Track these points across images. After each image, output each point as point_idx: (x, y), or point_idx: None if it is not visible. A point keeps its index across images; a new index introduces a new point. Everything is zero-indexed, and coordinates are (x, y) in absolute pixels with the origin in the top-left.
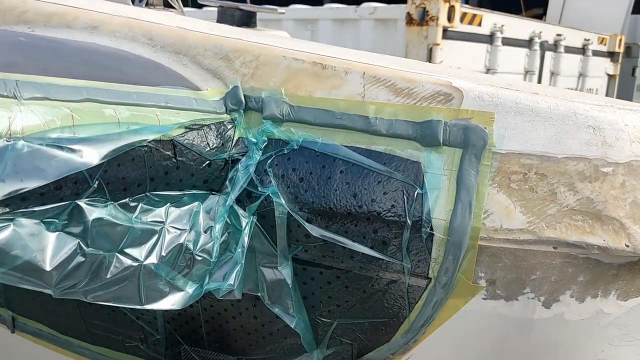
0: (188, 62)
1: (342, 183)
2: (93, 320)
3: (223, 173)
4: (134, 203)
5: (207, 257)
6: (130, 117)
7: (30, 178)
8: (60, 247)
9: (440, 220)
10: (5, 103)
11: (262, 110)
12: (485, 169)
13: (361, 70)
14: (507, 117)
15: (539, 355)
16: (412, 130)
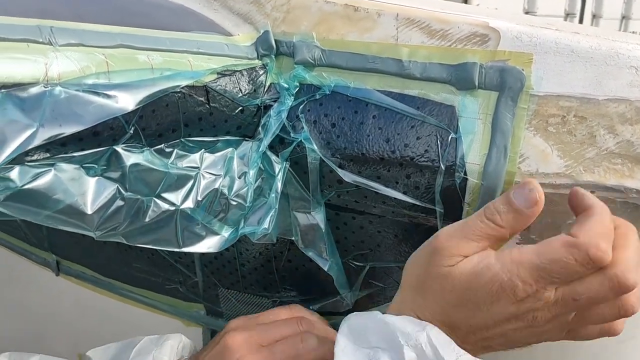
0: (219, 7)
1: (375, 128)
2: (134, 263)
3: (256, 119)
4: (170, 149)
5: (241, 202)
6: (163, 63)
7: (68, 123)
8: (100, 191)
9: (475, 165)
10: (41, 49)
11: (294, 55)
12: (522, 112)
13: (394, 12)
14: (546, 58)
15: None
16: (447, 74)
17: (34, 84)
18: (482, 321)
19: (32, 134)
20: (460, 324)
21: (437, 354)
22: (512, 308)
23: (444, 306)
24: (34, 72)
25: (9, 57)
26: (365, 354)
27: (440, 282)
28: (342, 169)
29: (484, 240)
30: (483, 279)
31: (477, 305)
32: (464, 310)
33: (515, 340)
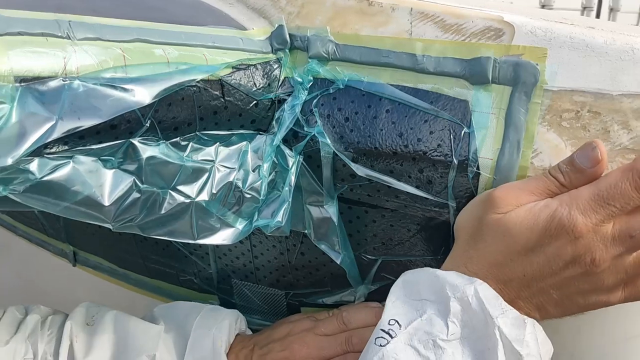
0: (234, 2)
1: (388, 122)
2: (150, 255)
3: (270, 113)
4: (185, 142)
5: (255, 195)
6: (179, 57)
7: (86, 116)
8: (117, 183)
9: (487, 160)
10: (60, 43)
11: (308, 50)
12: (536, 107)
13: (409, 6)
14: (561, 52)
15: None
16: (460, 68)
17: (53, 78)
18: (537, 269)
19: (51, 126)
20: (513, 276)
21: (483, 308)
22: (570, 248)
23: (497, 256)
24: (53, 65)
25: (28, 51)
26: (413, 305)
27: (494, 228)
28: (355, 163)
29: (544, 195)
30: (541, 217)
31: (534, 249)
32: (518, 258)
33: (571, 294)
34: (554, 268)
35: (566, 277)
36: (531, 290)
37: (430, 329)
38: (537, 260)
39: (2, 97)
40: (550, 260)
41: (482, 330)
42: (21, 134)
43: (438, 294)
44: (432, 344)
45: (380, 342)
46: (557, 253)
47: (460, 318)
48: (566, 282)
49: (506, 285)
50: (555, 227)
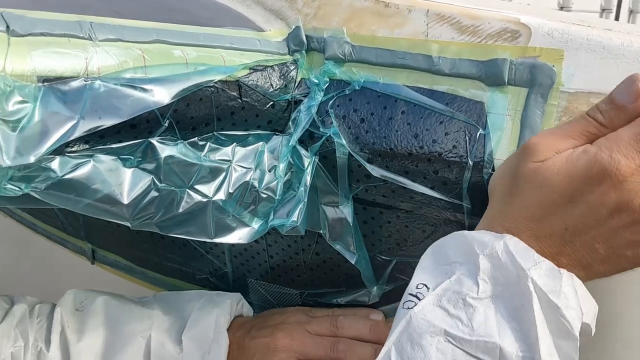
0: (252, 3)
1: (404, 124)
2: (166, 254)
3: (286, 114)
4: (203, 142)
5: (271, 194)
6: (198, 58)
7: (107, 116)
8: (136, 182)
9: (503, 161)
10: (82, 44)
11: (324, 51)
12: (552, 108)
13: (425, 8)
14: (578, 54)
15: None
16: (476, 70)
17: (75, 78)
18: (579, 220)
19: (73, 125)
20: (553, 230)
21: (514, 261)
22: (615, 194)
23: (535, 210)
24: (75, 66)
25: (51, 51)
26: (443, 270)
27: (531, 179)
28: (370, 164)
29: (583, 138)
30: (580, 163)
31: (574, 198)
32: (558, 209)
33: (619, 247)
34: (597, 218)
35: (612, 227)
36: (574, 246)
37: (460, 289)
38: (579, 211)
39: (26, 96)
40: (593, 209)
41: (515, 285)
42: (44, 133)
43: (467, 255)
44: (462, 302)
45: (408, 305)
46: (600, 201)
47: (491, 274)
48: (613, 234)
49: (546, 241)
50: (597, 172)
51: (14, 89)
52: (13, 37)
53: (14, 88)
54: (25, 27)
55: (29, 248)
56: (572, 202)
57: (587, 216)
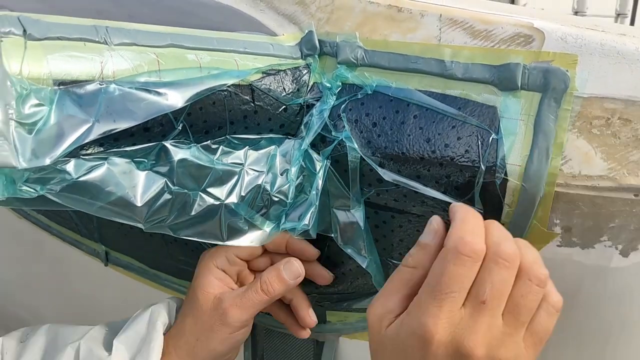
0: (265, 8)
1: (416, 128)
2: (179, 256)
3: (298, 118)
4: (215, 145)
5: (283, 198)
6: (211, 62)
7: (122, 119)
8: (150, 184)
9: (515, 166)
10: (97, 48)
11: (337, 55)
12: (566, 113)
13: (438, 12)
14: (591, 59)
15: (615, 303)
16: (489, 74)
17: (90, 81)
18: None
19: (88, 128)
20: None
21: None
22: (443, 351)
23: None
24: (91, 70)
25: (67, 55)
26: None
27: (380, 354)
28: (382, 168)
29: (405, 288)
30: (401, 336)
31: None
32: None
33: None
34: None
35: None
36: None
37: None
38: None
39: (42, 99)
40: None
41: None
42: (59, 135)
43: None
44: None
45: None
46: (436, 355)
47: None
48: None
49: None
50: (417, 341)
51: (31, 92)
52: (30, 40)
53: (31, 91)
54: (42, 31)
55: (44, 249)
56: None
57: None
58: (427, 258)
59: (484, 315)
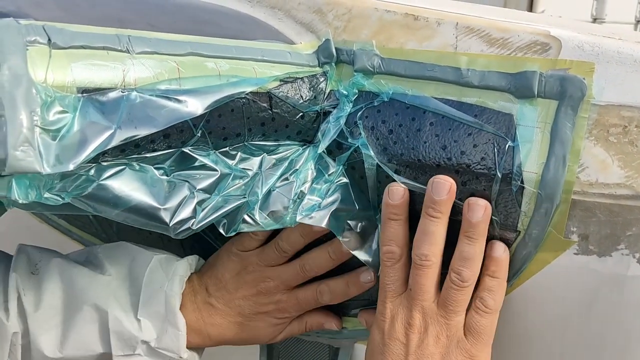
0: (283, 17)
1: (432, 135)
2: None
3: (315, 125)
4: (234, 152)
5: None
6: (230, 70)
7: (142, 126)
8: (171, 189)
9: (532, 174)
10: (120, 57)
11: (354, 63)
12: (583, 121)
13: (454, 20)
14: (608, 67)
15: (632, 312)
16: (506, 82)
17: (113, 89)
18: None
19: (110, 135)
20: None
21: None
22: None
23: None
24: (113, 78)
25: (90, 63)
26: None
27: None
28: (398, 175)
29: None
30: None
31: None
32: None
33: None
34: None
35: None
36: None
37: None
38: None
39: (65, 106)
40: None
41: None
42: (82, 142)
43: None
44: None
45: None
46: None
47: None
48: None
49: None
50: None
51: (55, 99)
52: (54, 49)
53: (55, 98)
54: (66, 40)
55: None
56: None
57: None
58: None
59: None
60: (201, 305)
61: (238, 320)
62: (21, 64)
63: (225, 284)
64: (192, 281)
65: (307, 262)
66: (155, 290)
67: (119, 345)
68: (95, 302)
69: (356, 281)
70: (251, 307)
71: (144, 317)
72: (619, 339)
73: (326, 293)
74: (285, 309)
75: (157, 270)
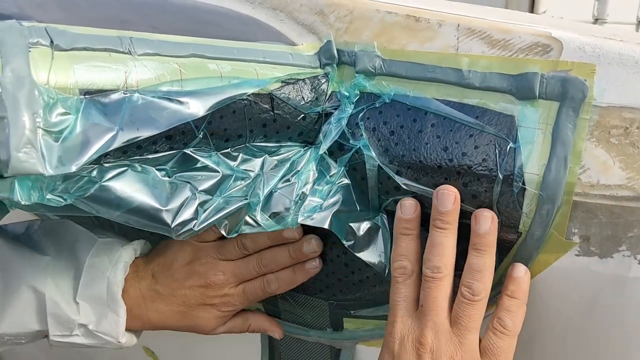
0: (284, 18)
1: (433, 136)
2: None
3: (317, 126)
4: (236, 153)
5: (300, 203)
6: (232, 71)
7: (145, 127)
8: (173, 191)
9: (533, 175)
10: (122, 58)
11: (355, 64)
12: (584, 122)
13: (455, 22)
14: (610, 68)
15: (633, 314)
16: (507, 83)
17: (115, 91)
18: None
19: (112, 136)
20: None
21: None
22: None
23: None
24: (115, 79)
25: (92, 65)
26: None
27: None
28: (399, 176)
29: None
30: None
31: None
32: None
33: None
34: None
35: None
36: None
37: None
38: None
39: (68, 108)
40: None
41: None
42: (84, 143)
43: None
44: None
45: None
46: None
47: None
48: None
49: None
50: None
51: (57, 101)
52: (56, 51)
53: (57, 100)
54: (68, 41)
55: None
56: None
57: None
58: None
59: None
60: (145, 292)
61: (181, 309)
62: (24, 66)
63: (174, 272)
64: (136, 266)
65: (265, 258)
66: (97, 275)
67: (56, 327)
68: (32, 284)
69: (301, 267)
70: (196, 298)
71: (83, 300)
72: (621, 340)
73: (273, 282)
74: (231, 302)
75: (100, 254)
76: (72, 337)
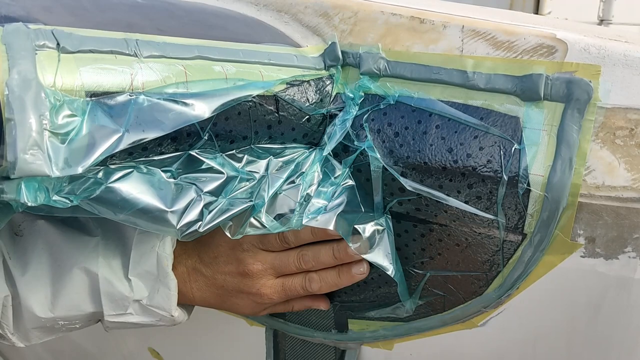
0: (289, 20)
1: (438, 138)
2: None
3: (321, 128)
4: (240, 154)
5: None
6: (237, 73)
7: (150, 129)
8: (178, 192)
9: (538, 176)
10: (128, 61)
11: (360, 66)
12: (589, 124)
13: (460, 23)
14: (615, 70)
15: (638, 315)
16: (512, 85)
17: (121, 93)
18: None
19: (118, 138)
20: None
21: None
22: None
23: None
24: (121, 81)
25: (99, 67)
26: None
27: None
28: (404, 177)
29: None
30: None
31: None
32: None
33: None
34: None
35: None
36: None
37: None
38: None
39: (74, 110)
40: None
41: None
42: (91, 145)
43: None
44: None
45: None
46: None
47: None
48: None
49: None
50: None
51: (64, 103)
52: (63, 53)
53: (64, 102)
54: (75, 44)
55: None
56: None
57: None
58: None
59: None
60: (190, 269)
61: (220, 292)
62: (30, 68)
63: (218, 255)
64: (185, 243)
65: (306, 254)
66: (146, 250)
67: (110, 306)
68: (84, 265)
69: (348, 271)
70: (234, 284)
71: (134, 276)
72: (626, 341)
73: (316, 281)
74: (267, 294)
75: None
76: (127, 316)
